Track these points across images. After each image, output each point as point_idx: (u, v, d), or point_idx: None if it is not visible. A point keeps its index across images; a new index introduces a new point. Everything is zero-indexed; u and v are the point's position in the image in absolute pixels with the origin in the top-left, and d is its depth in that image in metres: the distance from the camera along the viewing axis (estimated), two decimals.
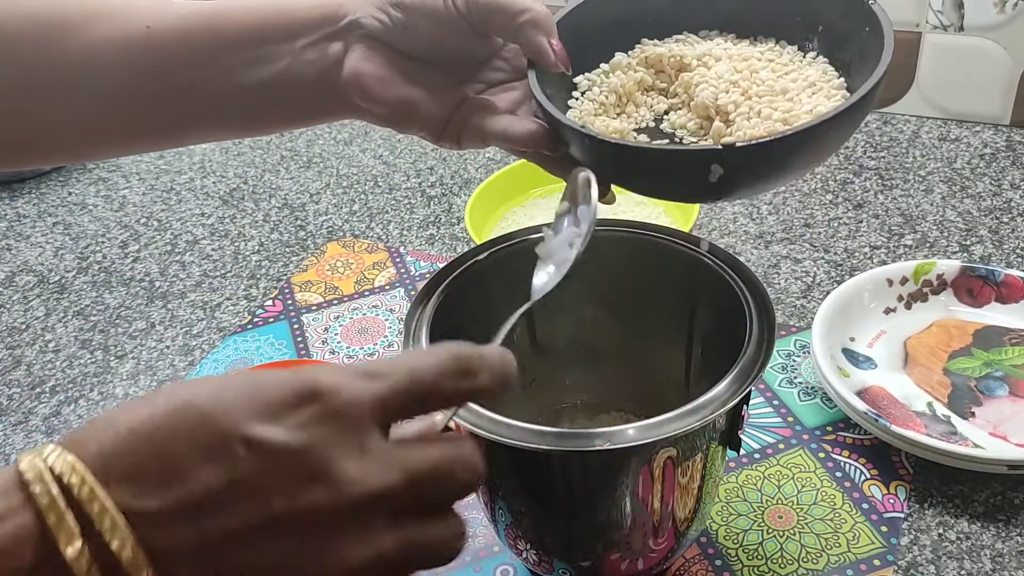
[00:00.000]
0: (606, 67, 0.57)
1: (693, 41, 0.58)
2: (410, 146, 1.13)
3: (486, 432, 0.48)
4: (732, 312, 0.55)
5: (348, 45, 0.53)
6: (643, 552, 0.56)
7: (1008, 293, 0.77)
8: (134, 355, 0.85)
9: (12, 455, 0.76)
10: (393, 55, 0.53)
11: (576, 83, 0.56)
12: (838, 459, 0.68)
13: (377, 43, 0.53)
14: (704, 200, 0.67)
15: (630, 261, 0.63)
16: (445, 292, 0.58)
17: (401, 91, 0.53)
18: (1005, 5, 0.97)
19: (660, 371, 0.66)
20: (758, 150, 0.45)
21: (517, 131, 0.53)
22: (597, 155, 0.50)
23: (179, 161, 1.16)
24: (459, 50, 0.54)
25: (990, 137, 1.02)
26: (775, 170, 0.49)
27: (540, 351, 0.67)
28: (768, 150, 0.46)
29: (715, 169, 0.46)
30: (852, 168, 1.00)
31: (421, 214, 1.00)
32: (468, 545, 0.65)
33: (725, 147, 0.45)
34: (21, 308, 0.93)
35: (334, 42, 0.53)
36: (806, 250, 0.88)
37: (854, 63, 0.53)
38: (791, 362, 0.76)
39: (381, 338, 0.84)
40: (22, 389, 0.83)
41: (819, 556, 0.61)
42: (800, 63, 0.55)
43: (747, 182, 0.49)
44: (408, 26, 0.52)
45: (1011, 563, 0.60)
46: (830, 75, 0.54)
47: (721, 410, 0.48)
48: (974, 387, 0.71)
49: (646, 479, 0.51)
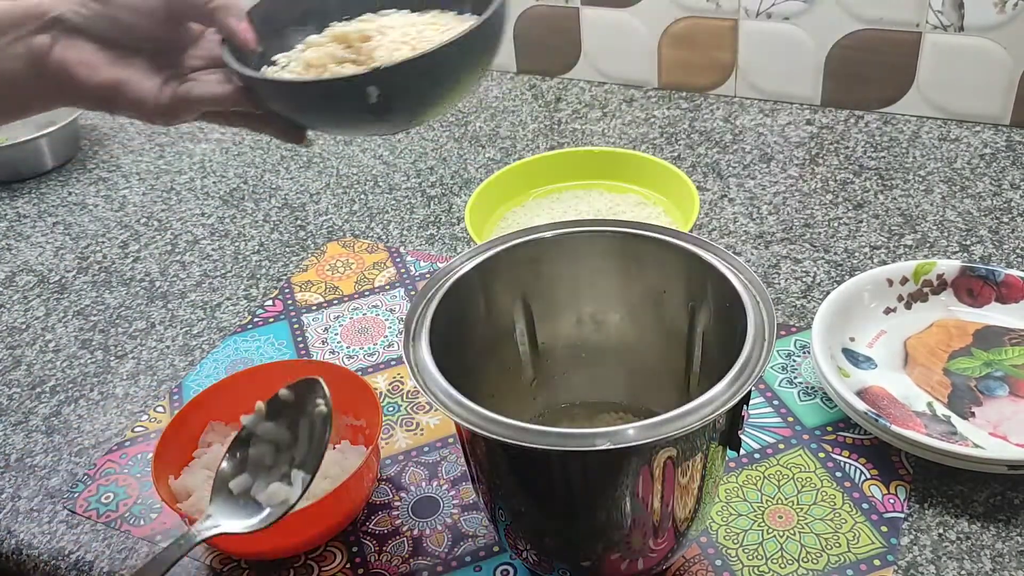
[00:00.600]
0: (301, 46, 0.66)
1: (374, 19, 0.67)
2: (410, 146, 1.13)
3: (486, 432, 0.48)
4: (732, 312, 0.55)
5: (54, 37, 0.58)
6: (643, 552, 0.56)
7: (1008, 293, 0.77)
8: (134, 355, 0.85)
9: (12, 455, 0.76)
10: (98, 43, 0.58)
11: (275, 60, 0.65)
12: (838, 459, 0.68)
13: (82, 33, 0.58)
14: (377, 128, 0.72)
15: (630, 261, 0.63)
16: (445, 292, 0.58)
17: (107, 74, 0.58)
18: (1005, 5, 0.97)
19: (660, 371, 0.66)
20: (401, 67, 0.55)
21: (218, 91, 0.60)
22: (280, 98, 0.60)
23: (179, 161, 1.16)
24: (160, 37, 0.60)
25: (990, 137, 1.02)
26: (424, 87, 0.58)
27: (540, 351, 0.67)
28: (408, 67, 0.56)
29: (371, 91, 0.55)
30: (852, 168, 1.00)
31: (421, 214, 1.00)
32: (468, 545, 0.65)
33: (373, 69, 0.55)
34: (21, 308, 0.93)
35: (39, 35, 0.58)
36: (806, 250, 0.88)
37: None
38: (791, 362, 0.76)
39: (381, 338, 0.84)
40: (22, 389, 0.83)
41: (819, 556, 0.61)
42: (457, 21, 0.65)
43: (403, 102, 0.58)
44: (109, 16, 0.58)
45: (1011, 563, 0.60)
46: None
47: (721, 410, 0.48)
48: (974, 387, 0.71)
49: (646, 479, 0.51)
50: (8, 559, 0.69)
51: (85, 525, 0.69)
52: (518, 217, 0.90)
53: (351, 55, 0.64)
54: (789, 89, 1.12)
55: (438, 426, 0.74)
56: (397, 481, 0.70)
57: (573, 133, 1.12)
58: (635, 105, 1.16)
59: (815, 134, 1.06)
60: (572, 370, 0.68)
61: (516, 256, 0.62)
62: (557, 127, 1.14)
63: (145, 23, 0.59)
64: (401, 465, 0.71)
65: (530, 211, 0.90)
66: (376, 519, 0.67)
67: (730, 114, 1.12)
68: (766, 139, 1.06)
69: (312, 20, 0.68)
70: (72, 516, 0.70)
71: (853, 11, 1.04)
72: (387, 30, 0.65)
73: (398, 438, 0.74)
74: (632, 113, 1.15)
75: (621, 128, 1.12)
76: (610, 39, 1.19)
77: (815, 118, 1.09)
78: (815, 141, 1.05)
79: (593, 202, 0.90)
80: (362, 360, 0.82)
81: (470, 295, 0.61)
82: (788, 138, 1.06)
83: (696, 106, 1.15)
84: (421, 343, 0.54)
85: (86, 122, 1.27)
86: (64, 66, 0.58)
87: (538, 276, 0.64)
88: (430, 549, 0.65)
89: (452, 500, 0.68)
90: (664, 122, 1.12)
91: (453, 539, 0.65)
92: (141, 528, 0.68)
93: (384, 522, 0.67)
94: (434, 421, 0.75)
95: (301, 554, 0.65)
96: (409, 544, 0.65)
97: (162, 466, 0.66)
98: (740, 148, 1.05)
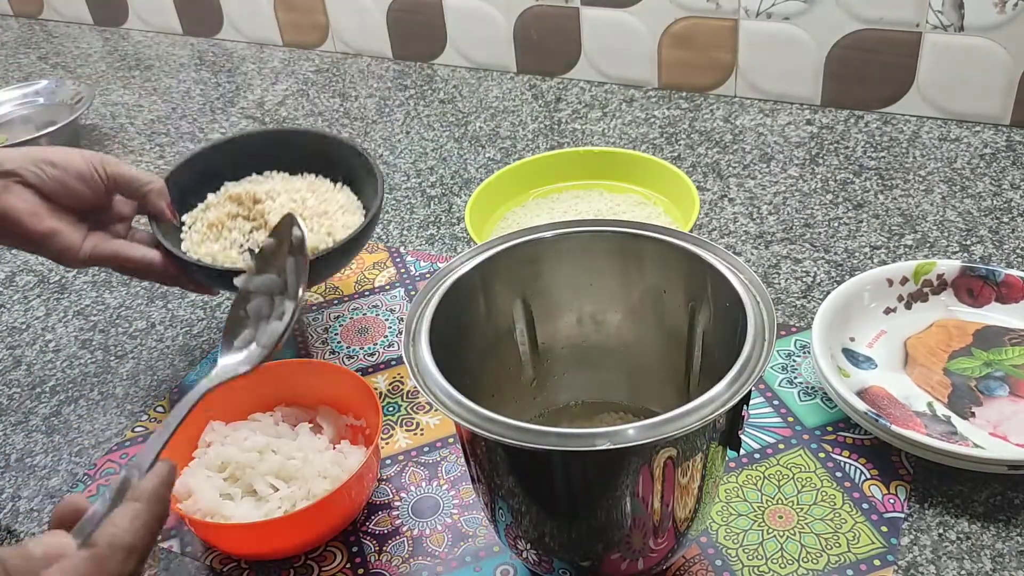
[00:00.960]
0: (202, 206, 0.82)
1: (260, 180, 0.85)
2: (410, 146, 1.13)
3: (486, 432, 0.48)
4: (732, 312, 0.55)
5: (6, 187, 0.69)
6: (643, 552, 0.56)
7: (1008, 293, 0.77)
8: (134, 355, 0.85)
9: (12, 455, 0.76)
10: (43, 198, 0.71)
11: (183, 221, 0.81)
12: (838, 459, 0.68)
13: (34, 188, 0.70)
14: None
15: (630, 261, 0.63)
16: (445, 292, 0.58)
17: (48, 224, 0.70)
18: (1005, 5, 0.97)
19: (660, 371, 0.66)
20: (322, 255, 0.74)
21: (147, 257, 0.74)
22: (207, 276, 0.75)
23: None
24: (94, 200, 0.73)
25: (990, 137, 1.02)
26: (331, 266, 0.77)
27: (540, 351, 0.67)
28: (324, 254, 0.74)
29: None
30: (852, 168, 1.00)
31: (421, 214, 1.00)
32: (468, 545, 0.65)
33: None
34: (21, 308, 0.93)
35: None
36: (806, 250, 0.88)
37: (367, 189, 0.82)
38: (791, 362, 0.76)
39: (381, 338, 0.84)
40: (22, 389, 0.83)
41: (819, 556, 0.61)
42: (333, 191, 0.83)
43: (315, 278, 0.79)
44: (61, 181, 0.71)
45: (1011, 563, 0.60)
46: (354, 199, 0.83)
47: (721, 410, 0.48)
48: (974, 387, 0.71)
49: (646, 479, 0.51)
50: None
51: None
52: (518, 217, 0.90)
53: (244, 211, 0.80)
54: (789, 89, 1.12)
55: (438, 426, 0.74)
56: (397, 481, 0.70)
57: (573, 133, 1.12)
58: (635, 105, 1.16)
59: (815, 134, 1.06)
60: (572, 370, 0.68)
61: (516, 256, 0.62)
62: (557, 127, 1.14)
63: (88, 192, 0.72)
64: (401, 465, 0.71)
65: (530, 211, 0.90)
66: (376, 519, 0.67)
67: (730, 114, 1.12)
68: (766, 139, 1.06)
69: (209, 181, 0.84)
70: None
71: (853, 11, 1.04)
72: (273, 193, 0.81)
73: (398, 438, 0.74)
74: (632, 113, 1.15)
75: (621, 128, 1.12)
76: (610, 39, 1.19)
77: (815, 118, 1.09)
78: (815, 141, 1.05)
79: (593, 202, 0.90)
80: (362, 360, 0.82)
81: (470, 295, 0.61)
82: (788, 138, 1.06)
83: (696, 106, 1.15)
84: (421, 343, 0.54)
85: (86, 122, 1.27)
86: (14, 213, 0.69)
87: (538, 276, 0.64)
88: (430, 549, 0.65)
89: (452, 500, 0.68)
90: (664, 122, 1.12)
91: (453, 539, 0.65)
92: None
93: (384, 522, 0.67)
94: (434, 421, 0.75)
95: (301, 554, 0.65)
96: (409, 544, 0.65)
97: None
98: (740, 148, 1.05)
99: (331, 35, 1.39)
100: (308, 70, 1.36)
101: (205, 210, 0.82)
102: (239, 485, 0.67)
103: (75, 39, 1.56)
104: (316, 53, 1.40)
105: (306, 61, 1.39)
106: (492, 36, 1.26)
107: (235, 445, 0.68)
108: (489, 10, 1.24)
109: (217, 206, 0.81)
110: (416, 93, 1.26)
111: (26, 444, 0.77)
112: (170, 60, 1.44)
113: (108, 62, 1.46)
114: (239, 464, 0.67)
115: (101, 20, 1.59)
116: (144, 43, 1.51)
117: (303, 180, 0.84)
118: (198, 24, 1.49)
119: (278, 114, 1.24)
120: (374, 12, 1.32)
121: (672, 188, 0.88)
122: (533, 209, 0.91)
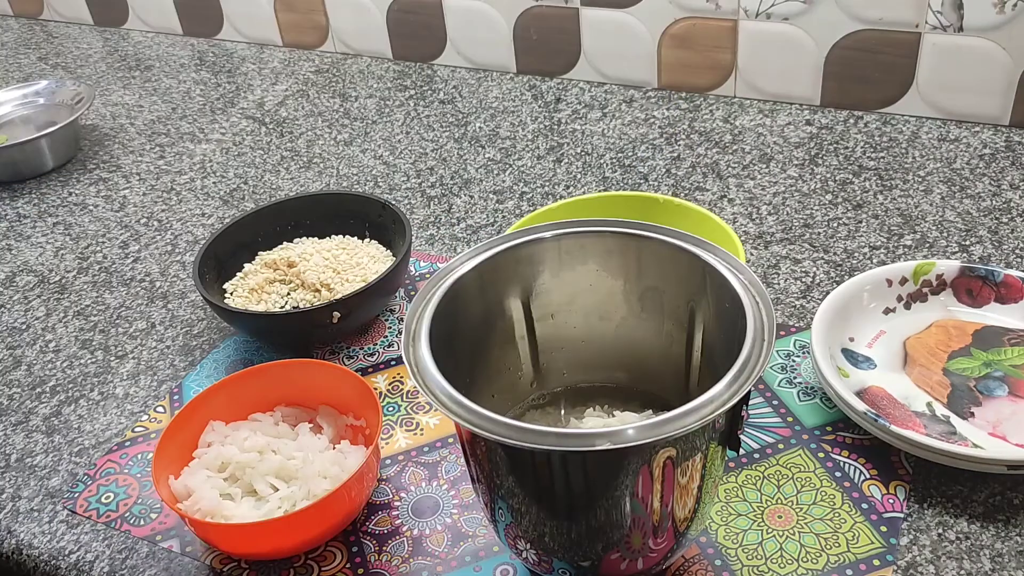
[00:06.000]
0: (240, 274, 0.88)
1: (291, 247, 0.91)
2: (410, 146, 1.13)
3: (486, 432, 0.48)
4: (732, 312, 0.55)
5: None
6: (643, 552, 0.56)
7: (1007, 293, 0.77)
8: (134, 355, 0.85)
9: (12, 455, 0.76)
10: None
11: (225, 289, 0.86)
12: (838, 459, 0.68)
13: None
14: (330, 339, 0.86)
15: (630, 261, 0.63)
16: (445, 292, 0.58)
17: None
18: (1005, 5, 0.97)
19: (660, 370, 0.66)
20: (355, 297, 0.78)
21: None
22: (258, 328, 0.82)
23: (179, 162, 1.16)
24: None
25: (990, 137, 1.02)
26: (367, 304, 0.81)
27: (540, 351, 0.67)
28: (360, 296, 0.79)
29: (335, 314, 0.78)
30: (852, 168, 1.00)
31: (421, 214, 1.00)
32: (468, 545, 0.65)
33: (338, 299, 0.78)
34: (21, 308, 0.93)
35: None
36: (806, 250, 0.89)
37: (395, 237, 0.88)
38: (791, 362, 0.76)
39: (381, 338, 0.84)
40: (22, 389, 0.83)
41: (819, 556, 0.61)
42: (362, 245, 0.90)
43: (354, 316, 0.80)
44: None
45: (1011, 563, 0.60)
46: (382, 249, 0.89)
47: (721, 410, 0.48)
48: (973, 387, 0.71)
49: (646, 479, 0.51)
50: (8, 559, 0.69)
51: (85, 525, 0.69)
52: None
53: (280, 275, 0.86)
54: (789, 89, 1.12)
55: (438, 426, 0.74)
56: (397, 481, 0.70)
57: (573, 133, 1.12)
58: (635, 105, 1.17)
59: (815, 134, 1.06)
60: (571, 370, 0.68)
61: (516, 256, 0.62)
62: (557, 127, 1.14)
63: None
64: (401, 465, 0.71)
65: None
66: (376, 519, 0.67)
67: (730, 114, 1.12)
68: (766, 139, 1.07)
69: (244, 251, 0.89)
70: (72, 516, 0.70)
71: (853, 11, 1.04)
72: (307, 256, 0.87)
73: (398, 438, 0.74)
74: (632, 113, 1.15)
75: (621, 128, 1.12)
76: (610, 39, 1.19)
77: (815, 118, 1.09)
78: (815, 141, 1.05)
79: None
80: (362, 360, 0.82)
81: (470, 295, 0.61)
82: (788, 138, 1.06)
83: (696, 106, 1.15)
84: (421, 343, 0.54)
85: (87, 122, 1.27)
86: None
87: (538, 276, 0.64)
88: (430, 549, 0.65)
89: (452, 500, 0.68)
90: (664, 122, 1.12)
91: (453, 539, 0.65)
92: (141, 528, 0.68)
93: (384, 522, 0.67)
94: (434, 421, 0.75)
95: (301, 554, 0.65)
96: (409, 544, 0.65)
97: (162, 466, 0.66)
98: (740, 148, 1.05)
99: (331, 35, 1.39)
100: (308, 70, 1.36)
101: (244, 278, 0.87)
102: (239, 485, 0.67)
103: (75, 39, 1.56)
104: (316, 53, 1.41)
105: (306, 61, 1.39)
106: (492, 36, 1.26)
107: (235, 445, 0.68)
108: (489, 10, 1.24)
109: (254, 273, 0.87)
110: (416, 93, 1.26)
111: (26, 444, 0.77)
112: (170, 60, 1.44)
113: (108, 62, 1.46)
114: (239, 464, 0.67)
115: (101, 20, 1.59)
116: (144, 43, 1.52)
117: (332, 241, 0.90)
118: (198, 24, 1.50)
119: (278, 114, 1.25)
120: (374, 12, 1.32)
121: (712, 237, 0.70)
122: None
